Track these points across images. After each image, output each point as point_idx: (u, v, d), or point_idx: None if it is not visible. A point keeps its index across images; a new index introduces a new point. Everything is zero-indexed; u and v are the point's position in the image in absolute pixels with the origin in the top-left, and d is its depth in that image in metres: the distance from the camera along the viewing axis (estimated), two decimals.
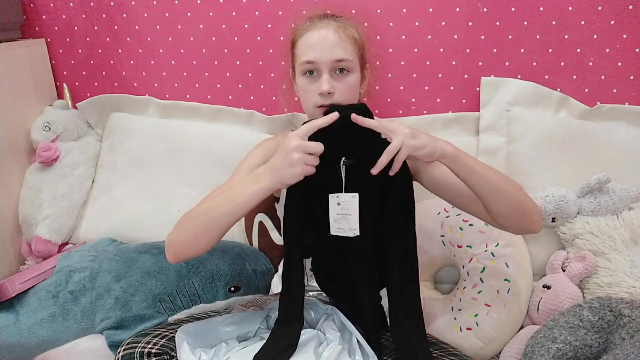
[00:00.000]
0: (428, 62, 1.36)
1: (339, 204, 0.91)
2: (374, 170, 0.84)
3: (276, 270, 1.23)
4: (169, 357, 0.93)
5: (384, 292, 0.98)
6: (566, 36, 1.29)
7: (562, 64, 1.31)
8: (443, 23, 1.32)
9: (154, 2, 1.45)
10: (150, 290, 1.15)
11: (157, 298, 1.14)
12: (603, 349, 0.95)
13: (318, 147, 0.83)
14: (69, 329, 1.15)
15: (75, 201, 1.49)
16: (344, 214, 0.91)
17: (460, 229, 1.24)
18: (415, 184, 1.00)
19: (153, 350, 0.93)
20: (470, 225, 1.23)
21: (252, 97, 1.48)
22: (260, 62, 1.43)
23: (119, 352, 0.94)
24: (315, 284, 1.07)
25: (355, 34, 0.99)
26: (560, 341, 0.95)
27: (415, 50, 1.36)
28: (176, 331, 0.97)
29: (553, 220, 1.23)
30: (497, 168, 1.30)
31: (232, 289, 1.20)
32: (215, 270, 1.21)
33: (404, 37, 1.35)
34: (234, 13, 1.41)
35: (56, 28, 1.55)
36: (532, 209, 0.93)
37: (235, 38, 1.43)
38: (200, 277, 1.19)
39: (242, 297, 1.19)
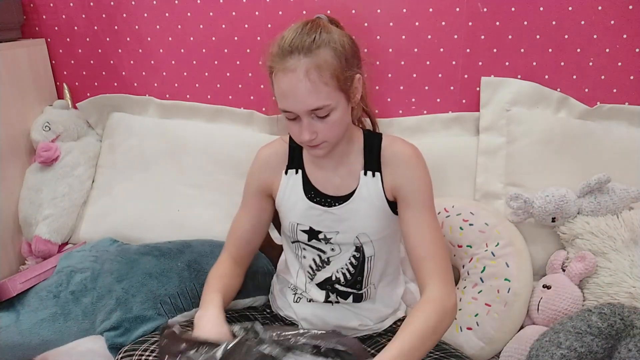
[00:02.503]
0: (428, 62, 1.36)
1: None
2: None
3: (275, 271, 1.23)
4: None
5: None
6: (566, 36, 1.29)
7: (562, 64, 1.32)
8: (443, 23, 1.32)
9: (154, 2, 1.45)
10: (151, 291, 1.15)
11: (158, 299, 1.14)
12: (607, 355, 0.94)
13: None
14: (70, 329, 1.15)
15: (75, 201, 1.49)
16: None
17: (461, 228, 1.24)
18: None
19: (150, 358, 0.93)
20: (471, 225, 1.23)
21: (252, 97, 1.48)
22: (260, 62, 1.43)
23: None
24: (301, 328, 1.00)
25: (332, 62, 0.87)
26: (566, 347, 0.94)
27: (415, 50, 1.36)
28: None
29: (553, 220, 1.23)
30: (497, 168, 1.32)
31: None
32: None
33: (404, 37, 1.35)
34: (234, 13, 1.41)
35: (56, 28, 1.55)
36: (444, 330, 0.91)
37: (235, 38, 1.43)
38: (202, 280, 1.18)
39: (244, 299, 1.19)
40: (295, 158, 1.05)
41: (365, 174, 1.00)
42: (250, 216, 1.09)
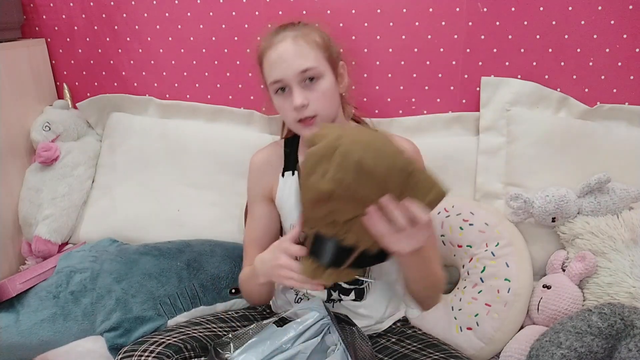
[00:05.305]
0: (428, 62, 1.36)
1: None
2: None
3: None
4: None
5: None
6: (566, 36, 1.29)
7: (562, 64, 1.32)
8: (443, 23, 1.32)
9: (154, 2, 1.45)
10: (150, 292, 1.15)
11: (157, 300, 1.14)
12: (607, 355, 0.94)
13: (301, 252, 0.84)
14: (70, 329, 1.15)
15: (75, 201, 1.48)
16: None
17: (461, 228, 1.24)
18: None
19: (149, 358, 0.93)
20: (471, 225, 1.23)
21: (252, 97, 1.48)
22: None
23: None
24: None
25: (317, 37, 0.98)
26: (566, 347, 0.94)
27: (415, 50, 1.36)
28: (173, 337, 0.96)
29: (553, 220, 1.23)
30: (497, 168, 1.32)
31: (233, 291, 1.20)
32: (216, 273, 1.21)
33: (404, 37, 1.35)
34: (234, 13, 1.41)
35: (56, 28, 1.55)
36: (441, 288, 1.01)
37: (235, 38, 1.43)
38: (202, 279, 1.19)
39: (243, 299, 1.19)
40: (290, 160, 1.06)
41: None
42: (260, 222, 1.11)
